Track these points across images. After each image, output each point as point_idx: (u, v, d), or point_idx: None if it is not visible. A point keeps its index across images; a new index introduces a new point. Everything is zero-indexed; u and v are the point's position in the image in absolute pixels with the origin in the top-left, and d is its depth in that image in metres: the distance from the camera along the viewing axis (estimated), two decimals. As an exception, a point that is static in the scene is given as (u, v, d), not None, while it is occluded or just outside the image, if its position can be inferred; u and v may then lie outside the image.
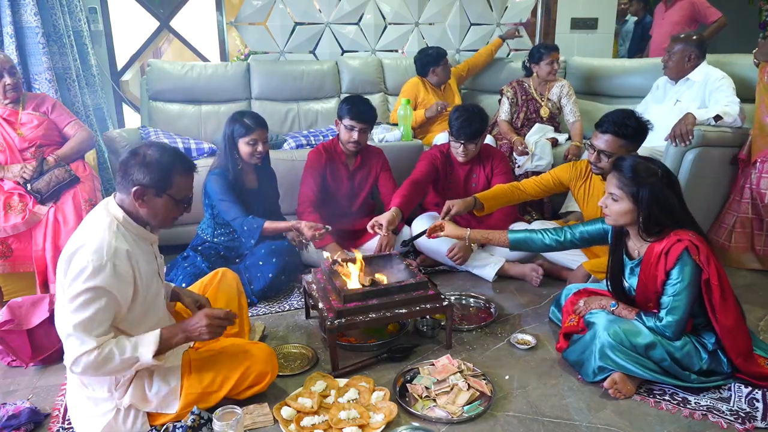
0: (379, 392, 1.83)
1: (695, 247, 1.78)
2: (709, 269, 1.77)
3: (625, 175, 1.85)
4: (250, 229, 2.53)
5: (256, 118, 2.59)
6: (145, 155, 1.59)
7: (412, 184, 2.75)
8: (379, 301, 2.05)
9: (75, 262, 1.50)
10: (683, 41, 3.18)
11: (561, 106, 3.68)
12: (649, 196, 1.81)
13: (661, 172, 1.84)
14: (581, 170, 2.57)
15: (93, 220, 1.60)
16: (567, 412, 1.79)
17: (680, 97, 3.22)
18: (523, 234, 2.28)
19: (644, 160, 1.88)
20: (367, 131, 2.88)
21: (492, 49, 4.18)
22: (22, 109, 2.71)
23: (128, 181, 1.58)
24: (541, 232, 2.25)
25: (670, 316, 1.81)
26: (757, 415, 1.75)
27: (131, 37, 4.13)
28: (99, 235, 1.54)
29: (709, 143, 2.87)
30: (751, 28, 5.78)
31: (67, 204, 2.53)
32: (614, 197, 1.88)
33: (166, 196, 1.62)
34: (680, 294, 1.79)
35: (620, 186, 1.86)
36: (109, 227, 1.56)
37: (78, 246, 1.52)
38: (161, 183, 1.60)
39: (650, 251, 1.85)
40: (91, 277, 1.48)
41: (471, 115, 2.75)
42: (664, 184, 1.82)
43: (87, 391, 1.64)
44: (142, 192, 1.58)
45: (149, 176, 1.58)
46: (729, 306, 1.82)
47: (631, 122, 2.25)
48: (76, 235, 1.57)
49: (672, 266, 1.79)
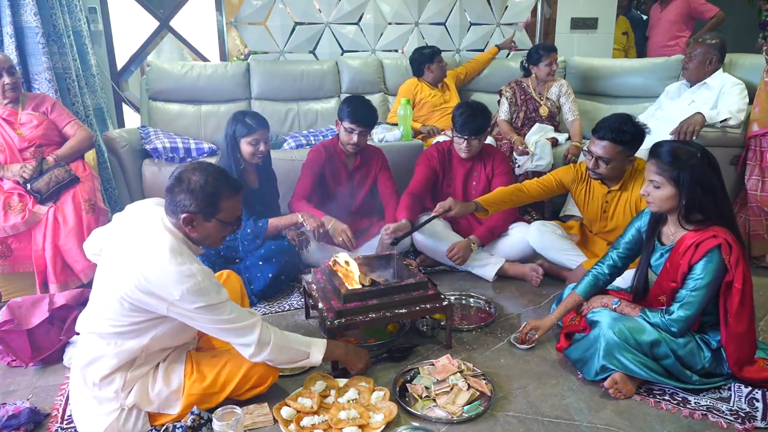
0: (379, 392, 1.83)
1: (728, 246, 1.74)
2: (736, 272, 1.74)
3: (663, 161, 1.81)
4: (254, 231, 2.54)
5: (258, 118, 2.60)
6: (190, 181, 1.57)
7: (412, 197, 2.80)
8: (379, 301, 2.05)
9: (167, 296, 1.50)
10: (705, 44, 3.17)
11: (560, 105, 3.69)
12: (691, 179, 1.77)
13: (700, 153, 1.80)
14: (581, 173, 2.57)
15: (158, 244, 1.55)
16: (567, 412, 1.79)
17: (695, 98, 3.22)
18: (586, 282, 2.12)
19: (681, 143, 1.85)
20: (367, 134, 2.88)
21: (488, 58, 4.21)
22: (21, 109, 2.70)
23: (176, 207, 1.57)
24: (595, 269, 2.12)
25: (682, 310, 1.79)
26: (757, 415, 1.75)
27: (131, 37, 4.12)
28: (173, 258, 1.52)
29: (710, 143, 2.87)
30: (751, 28, 5.77)
31: (66, 204, 2.53)
32: (655, 184, 1.84)
33: (215, 221, 1.61)
34: (699, 290, 1.77)
35: (660, 172, 1.82)
36: (177, 252, 1.54)
37: (161, 278, 1.50)
38: (209, 209, 1.59)
39: (683, 240, 1.82)
40: (196, 298, 1.51)
41: (475, 110, 2.76)
42: (704, 165, 1.78)
43: (93, 391, 1.64)
44: (191, 219, 1.58)
45: (196, 203, 1.56)
46: (745, 313, 1.79)
47: (629, 128, 2.24)
48: (150, 264, 1.52)
49: (698, 260, 1.76)
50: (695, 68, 3.19)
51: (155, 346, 1.65)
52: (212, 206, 1.59)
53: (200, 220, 1.59)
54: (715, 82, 3.16)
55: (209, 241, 1.67)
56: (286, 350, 1.72)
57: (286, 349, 1.72)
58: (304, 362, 1.79)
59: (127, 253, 1.56)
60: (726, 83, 3.12)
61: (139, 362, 1.65)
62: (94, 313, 1.62)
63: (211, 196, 1.58)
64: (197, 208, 1.57)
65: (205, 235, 1.63)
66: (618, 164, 2.33)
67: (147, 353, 1.65)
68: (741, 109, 2.99)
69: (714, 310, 1.84)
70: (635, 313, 1.90)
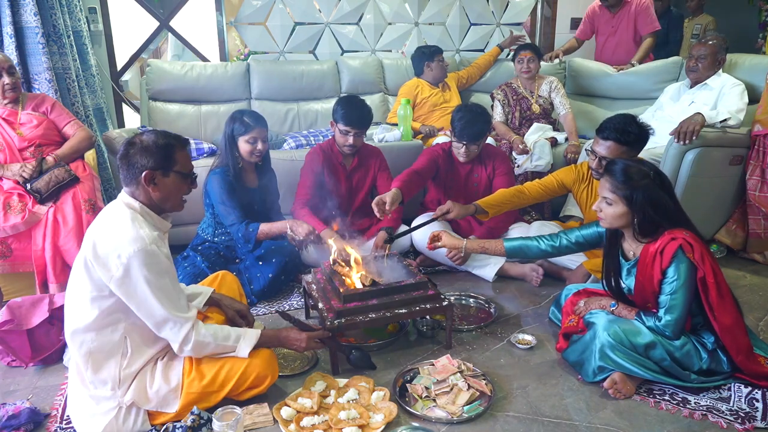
0: (379, 392, 1.83)
1: (689, 245, 1.78)
2: (704, 267, 1.77)
3: (617, 179, 1.86)
4: (245, 236, 2.54)
5: (256, 117, 2.60)
6: (142, 142, 1.63)
7: (412, 173, 2.74)
8: (379, 301, 2.05)
9: (115, 258, 1.52)
10: (712, 45, 3.17)
11: (552, 101, 3.73)
12: (643, 199, 1.82)
13: (653, 173, 1.85)
14: (583, 173, 2.57)
15: (113, 217, 1.62)
16: (567, 412, 1.79)
17: (695, 99, 3.22)
18: (518, 242, 2.28)
19: (635, 162, 1.89)
20: (363, 134, 2.88)
21: (490, 60, 4.20)
22: (21, 109, 2.70)
23: (135, 170, 1.61)
24: (536, 239, 2.26)
25: (668, 315, 1.81)
26: (757, 415, 1.75)
27: (131, 37, 4.12)
28: (127, 225, 1.57)
29: (709, 143, 2.87)
30: (751, 28, 5.77)
31: (66, 204, 2.53)
32: (608, 201, 1.89)
33: (173, 174, 1.66)
34: (677, 292, 1.79)
35: (613, 190, 1.87)
36: (132, 219, 1.59)
37: (110, 242, 1.54)
38: (166, 162, 1.64)
39: (645, 252, 1.86)
40: (143, 262, 1.53)
41: (474, 116, 2.75)
42: (656, 186, 1.83)
43: (89, 390, 1.64)
44: (151, 175, 1.62)
45: (153, 159, 1.62)
46: (726, 304, 1.82)
47: (633, 128, 2.25)
48: (102, 233, 1.58)
49: (668, 265, 1.80)
50: (705, 69, 3.19)
51: (136, 336, 1.65)
52: (169, 158, 1.64)
53: (160, 176, 1.63)
54: (715, 83, 3.17)
55: (171, 202, 1.69)
56: (212, 347, 1.71)
57: (211, 346, 1.70)
58: (232, 355, 1.75)
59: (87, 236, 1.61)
60: (726, 84, 3.12)
61: (130, 357, 1.64)
62: (71, 311, 1.63)
63: (165, 148, 1.64)
64: (156, 164, 1.62)
65: (167, 193, 1.66)
66: None
67: (133, 345, 1.65)
68: (741, 109, 3.00)
69: (700, 311, 1.86)
70: (632, 316, 1.91)
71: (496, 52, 4.21)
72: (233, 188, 2.58)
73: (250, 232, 2.54)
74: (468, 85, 4.18)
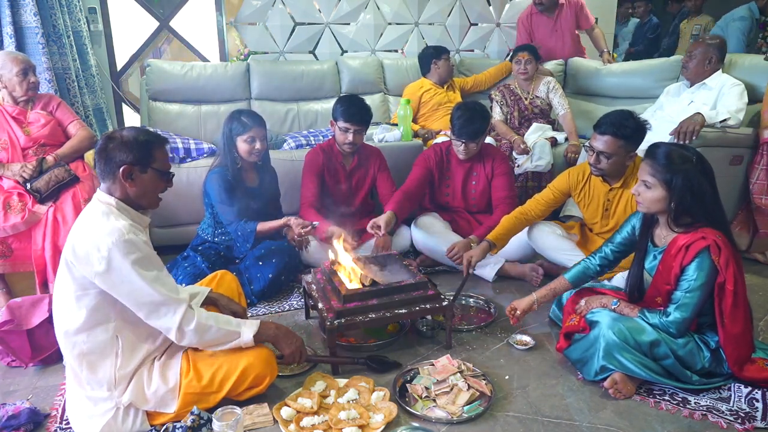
0: (379, 392, 1.83)
1: (717, 248, 1.75)
2: (727, 273, 1.75)
3: (658, 162, 1.82)
4: (244, 234, 2.54)
5: (254, 116, 2.60)
6: (122, 137, 1.63)
7: (403, 194, 2.79)
8: (379, 301, 2.05)
9: (95, 252, 1.52)
10: (705, 44, 3.17)
11: (549, 101, 3.73)
12: (683, 184, 1.78)
13: (695, 159, 1.80)
14: (578, 176, 2.58)
15: (88, 215, 1.62)
16: (567, 412, 1.79)
17: (695, 98, 3.22)
18: (576, 270, 2.19)
19: (678, 146, 1.85)
20: (363, 132, 2.88)
21: (499, 74, 4.16)
22: (30, 108, 2.71)
23: (113, 165, 1.61)
24: (586, 260, 2.19)
25: (678, 312, 1.80)
26: (757, 415, 1.75)
27: (131, 37, 4.12)
28: (101, 220, 1.57)
29: (710, 143, 2.87)
30: (750, 28, 5.77)
31: (66, 203, 2.53)
32: (647, 184, 1.85)
33: (151, 170, 1.66)
34: (693, 292, 1.78)
35: (653, 173, 1.83)
36: (107, 213, 1.59)
37: (88, 239, 1.54)
38: (145, 158, 1.64)
39: (674, 242, 1.83)
40: (124, 252, 1.53)
41: (473, 113, 2.75)
42: (698, 171, 1.79)
43: (86, 391, 1.64)
44: (129, 170, 1.61)
45: (131, 154, 1.61)
46: (739, 314, 1.80)
47: (630, 123, 2.25)
48: (79, 232, 1.58)
49: (689, 262, 1.77)
50: (695, 67, 3.19)
51: (128, 334, 1.64)
52: (147, 155, 1.64)
53: (138, 171, 1.63)
54: (714, 83, 3.16)
55: (147, 199, 1.68)
56: (214, 330, 1.67)
57: (213, 329, 1.67)
58: (236, 342, 1.72)
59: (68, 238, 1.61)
60: (725, 84, 3.12)
61: (124, 356, 1.63)
62: (59, 314, 1.63)
63: (144, 144, 1.63)
64: (134, 159, 1.61)
65: (143, 189, 1.66)
66: (619, 159, 2.34)
67: (126, 344, 1.64)
68: (740, 109, 2.99)
69: (710, 311, 1.84)
70: (634, 314, 1.90)
71: (508, 67, 4.10)
72: (232, 187, 2.58)
73: (249, 232, 2.54)
74: (473, 90, 4.18)
